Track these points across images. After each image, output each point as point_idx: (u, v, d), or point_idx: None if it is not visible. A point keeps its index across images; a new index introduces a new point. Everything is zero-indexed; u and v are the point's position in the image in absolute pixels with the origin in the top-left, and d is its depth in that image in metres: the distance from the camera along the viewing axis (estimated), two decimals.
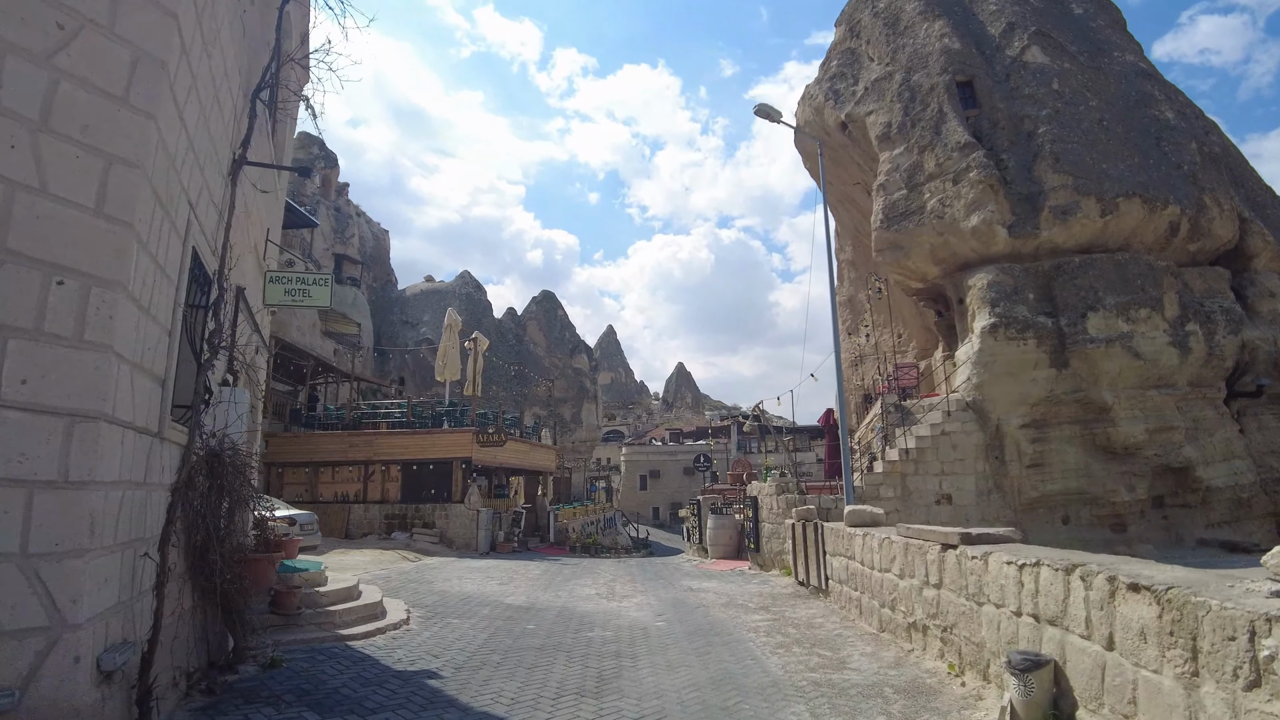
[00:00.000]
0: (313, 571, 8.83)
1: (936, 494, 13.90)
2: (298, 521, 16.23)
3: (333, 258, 51.34)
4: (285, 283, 10.03)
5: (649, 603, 10.72)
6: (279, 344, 25.47)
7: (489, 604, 10.60)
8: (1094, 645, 3.89)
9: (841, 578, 9.23)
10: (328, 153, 55.97)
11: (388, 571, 15.32)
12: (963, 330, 16.80)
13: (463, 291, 56.64)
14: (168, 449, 5.18)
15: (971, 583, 5.53)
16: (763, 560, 14.23)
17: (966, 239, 16.13)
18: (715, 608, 10.02)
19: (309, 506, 23.08)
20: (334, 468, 23.36)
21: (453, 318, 25.71)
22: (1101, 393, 14.96)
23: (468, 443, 21.91)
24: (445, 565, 17.10)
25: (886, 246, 17.51)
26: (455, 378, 25.03)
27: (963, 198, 16.15)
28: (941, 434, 14.16)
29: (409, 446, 22.53)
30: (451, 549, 21.04)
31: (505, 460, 24.50)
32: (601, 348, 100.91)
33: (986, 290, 15.43)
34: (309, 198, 50.30)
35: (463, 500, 21.52)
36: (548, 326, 57.20)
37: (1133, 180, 16.47)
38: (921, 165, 17.23)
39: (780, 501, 13.53)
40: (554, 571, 15.64)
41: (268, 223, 10.16)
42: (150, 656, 4.39)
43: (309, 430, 24.30)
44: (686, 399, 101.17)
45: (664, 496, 57.54)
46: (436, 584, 13.16)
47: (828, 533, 9.87)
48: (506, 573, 15.26)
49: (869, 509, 8.99)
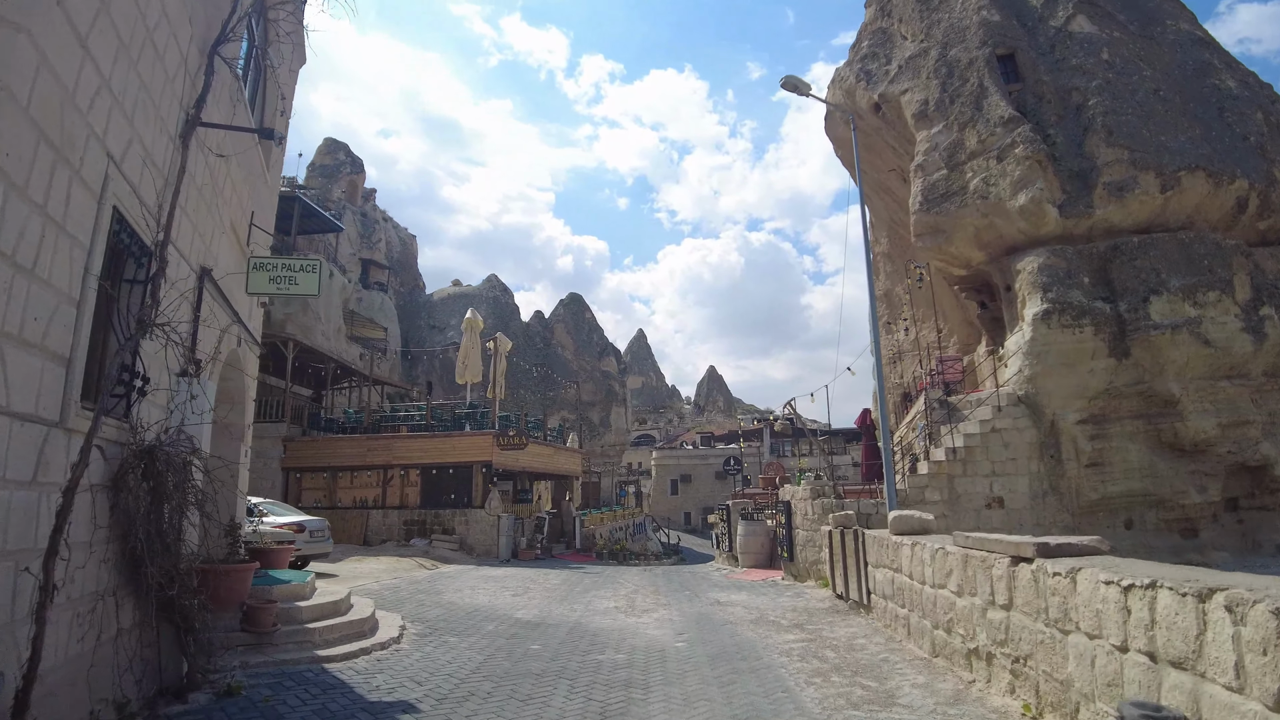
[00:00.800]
0: (295, 584, 8.01)
1: (986, 497, 12.72)
2: (307, 528, 15.57)
3: (359, 263, 51.22)
4: (270, 270, 9.24)
5: (671, 618, 9.73)
6: (298, 347, 25.00)
7: (496, 619, 9.71)
8: (1251, 703, 2.84)
9: (886, 592, 8.17)
10: (354, 158, 55.99)
11: (399, 580, 14.54)
12: (1011, 319, 15.57)
13: (490, 295, 56.21)
14: (76, 443, 4.35)
15: (1053, 605, 4.48)
16: (797, 570, 13.16)
17: (1013, 220, 14.91)
18: (743, 625, 9.00)
19: (327, 513, 22.49)
20: (352, 473, 22.75)
21: (473, 318, 25.00)
22: (1167, 384, 13.64)
23: (488, 446, 21.13)
24: (461, 574, 16.28)
25: (927, 230, 16.34)
26: (476, 379, 24.30)
27: (1008, 175, 14.94)
28: (992, 431, 12.98)
29: (428, 450, 21.82)
30: (471, 556, 20.26)
31: (528, 464, 23.70)
32: (632, 352, 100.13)
33: (1037, 274, 14.21)
34: (335, 203, 50.29)
35: (483, 506, 20.73)
36: (575, 329, 56.50)
37: (1195, 153, 15.12)
38: (962, 143, 16.05)
39: (815, 507, 12.47)
40: (573, 581, 14.72)
41: (253, 205, 9.39)
42: (25, 695, 3.54)
43: (327, 434, 23.73)
44: (718, 402, 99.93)
45: (695, 501, 56.40)
46: (446, 594, 12.32)
47: (870, 541, 8.81)
48: (523, 582, 14.39)
49: (916, 514, 7.92)
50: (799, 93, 12.82)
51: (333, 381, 29.71)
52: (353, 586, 13.27)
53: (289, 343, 24.68)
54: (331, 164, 54.86)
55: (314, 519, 16.20)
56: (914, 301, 19.85)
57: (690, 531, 53.08)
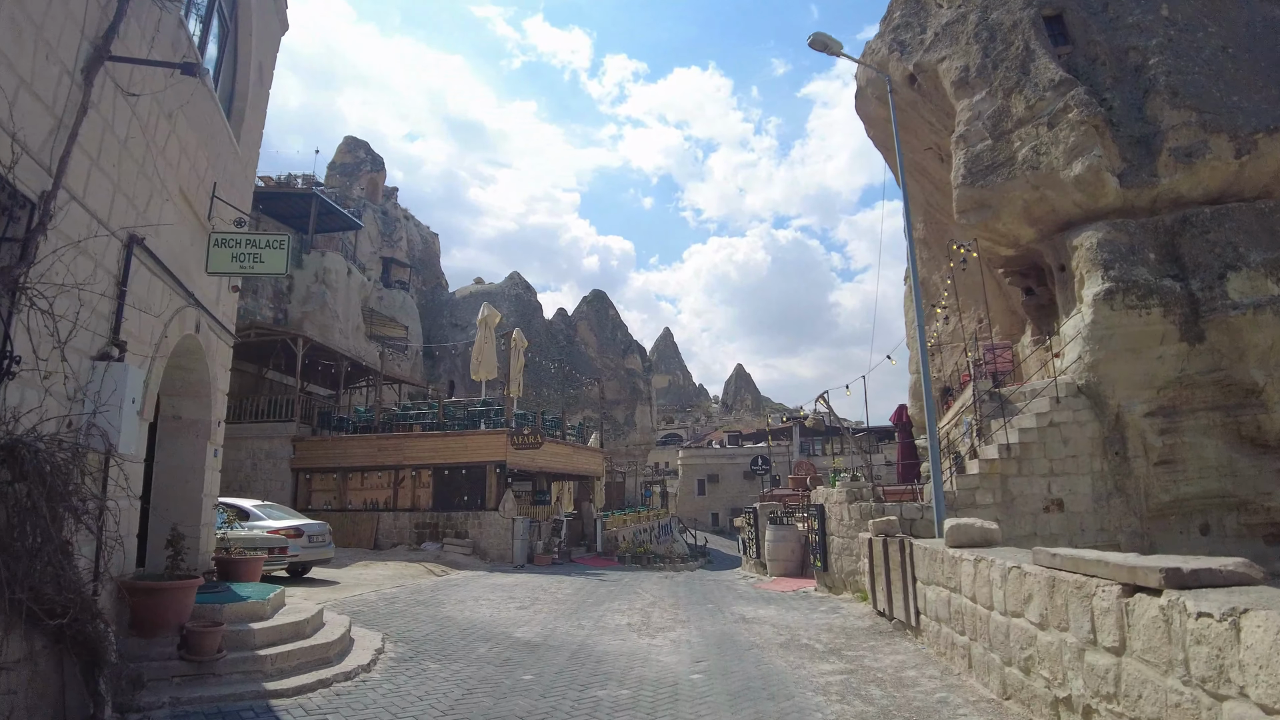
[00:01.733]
0: (253, 601, 6.97)
1: (1044, 499, 11.35)
2: (305, 533, 14.64)
3: (380, 261, 50.70)
4: (233, 246, 8.24)
5: (689, 639, 8.55)
6: (308, 344, 24.21)
7: (492, 638, 8.61)
8: None
9: (940, 614, 6.92)
10: (374, 156, 55.56)
11: (400, 589, 13.54)
12: (1066, 302, 14.15)
13: (512, 293, 55.40)
14: None
15: (1200, 658, 3.23)
16: (831, 581, 11.90)
17: (1068, 191, 13.49)
18: (772, 650, 7.79)
19: (336, 515, 21.67)
20: (363, 473, 21.88)
21: (488, 312, 24.01)
22: (1248, 370, 12.15)
23: (501, 445, 20.11)
24: (470, 581, 15.25)
25: (971, 206, 14.95)
26: (492, 376, 23.32)
27: (1061, 143, 13.52)
28: (1050, 425, 11.60)
29: (439, 450, 20.86)
30: (485, 561, 19.26)
31: (545, 464, 22.66)
32: (659, 350, 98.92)
33: (1097, 250, 12.78)
34: (355, 201, 49.84)
35: (497, 508, 19.72)
36: (599, 327, 55.45)
37: (1272, 114, 13.57)
38: (1008, 110, 14.64)
39: (852, 511, 11.21)
40: (587, 591, 13.61)
41: (215, 176, 8.39)
42: None
43: (337, 434, 22.89)
44: (746, 401, 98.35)
45: (723, 501, 55.10)
46: (446, 606, 11.27)
47: (919, 554, 7.56)
48: (533, 591, 13.30)
49: (979, 524, 6.65)
50: (829, 52, 11.55)
51: (348, 380, 28.96)
52: (348, 596, 12.30)
53: (299, 339, 23.90)
54: (352, 162, 54.45)
55: (313, 523, 15.28)
56: (956, 288, 18.46)
57: (718, 533, 51.81)
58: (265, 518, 14.78)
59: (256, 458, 23.33)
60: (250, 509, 15.02)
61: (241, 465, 23.46)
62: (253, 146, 10.31)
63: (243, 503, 15.30)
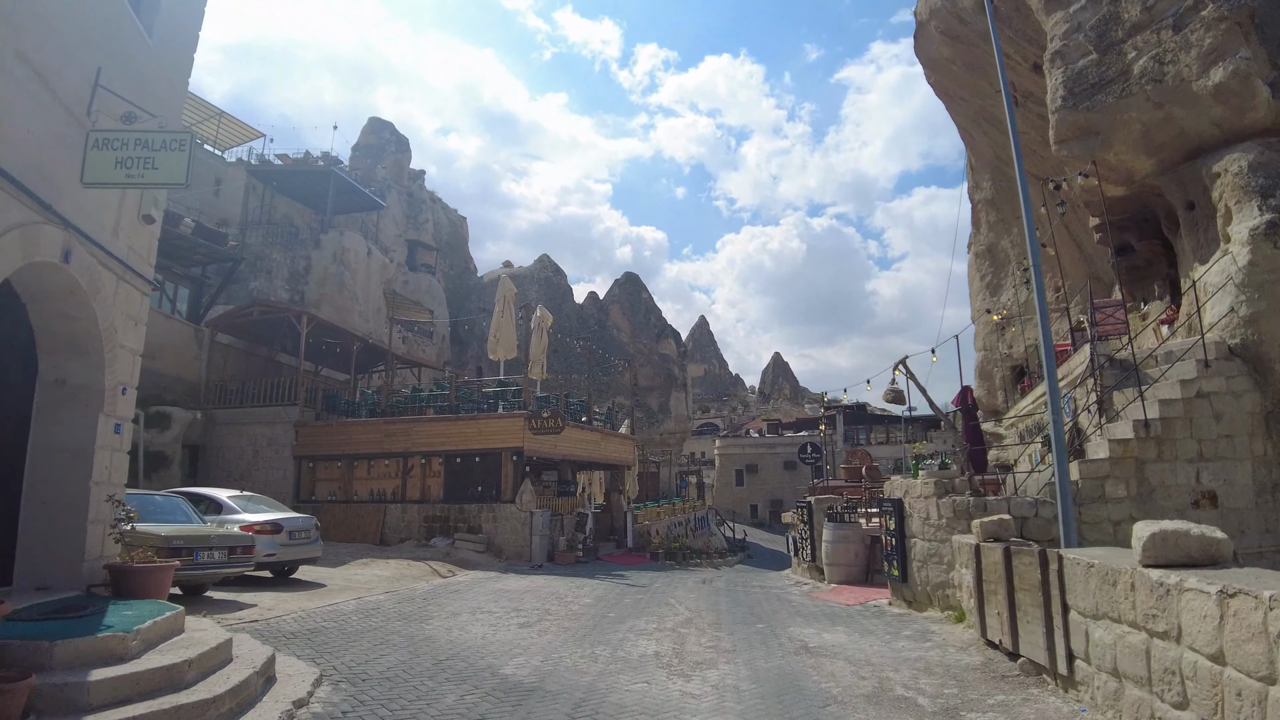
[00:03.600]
0: (109, 635, 4.84)
1: (1192, 490, 8.79)
2: (284, 528, 12.68)
3: (405, 244, 49.06)
4: (118, 148, 6.10)
5: (737, 684, 6.25)
6: (312, 322, 22.35)
7: (470, 676, 6.42)
8: None
9: (1123, 666, 4.52)
10: (399, 137, 53.93)
11: (390, 596, 11.50)
12: (1196, 248, 11.46)
13: (541, 276, 53.40)
14: None
15: None
16: (912, 594, 9.49)
17: (1204, 106, 10.80)
18: (857, 706, 5.44)
19: (340, 507, 19.77)
20: (369, 461, 19.96)
21: (506, 286, 21.90)
22: None
23: (518, 430, 17.99)
24: (474, 586, 13.16)
25: (1073, 134, 12.31)
26: (511, 355, 21.20)
27: (1194, 47, 10.83)
28: (1197, 396, 9.02)
29: (450, 435, 18.82)
30: (499, 559, 17.18)
31: (569, 452, 20.50)
32: (694, 339, 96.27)
33: (1248, 175, 10.10)
34: (379, 182, 48.21)
35: (513, 500, 17.61)
36: (631, 311, 53.16)
37: None
38: (1117, 15, 11.95)
39: (943, 508, 8.78)
40: (611, 600, 11.38)
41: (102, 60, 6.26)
42: None
43: (340, 419, 20.99)
44: (784, 390, 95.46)
45: (762, 493, 52.60)
46: (432, 623, 9.15)
47: (1078, 573, 5.14)
48: (545, 601, 11.13)
49: (1195, 530, 4.25)
50: None
51: (363, 363, 27.10)
52: (319, 606, 10.23)
53: (303, 316, 22.06)
54: (376, 144, 52.88)
55: (297, 517, 13.33)
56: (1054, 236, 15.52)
57: (757, 525, 49.37)
58: (240, 511, 12.86)
59: (258, 445, 21.59)
60: (224, 500, 13.10)
61: (242, 453, 21.76)
62: (179, 47, 8.16)
63: (216, 493, 13.39)
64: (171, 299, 24.21)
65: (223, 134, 35.84)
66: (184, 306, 25.24)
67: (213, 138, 35.54)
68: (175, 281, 24.77)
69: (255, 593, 11.03)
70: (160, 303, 23.70)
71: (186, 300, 25.51)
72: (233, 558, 10.48)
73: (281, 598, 10.83)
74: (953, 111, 21.52)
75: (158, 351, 22.43)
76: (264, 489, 21.41)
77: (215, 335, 23.27)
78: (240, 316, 23.02)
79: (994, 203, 22.36)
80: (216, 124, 35.54)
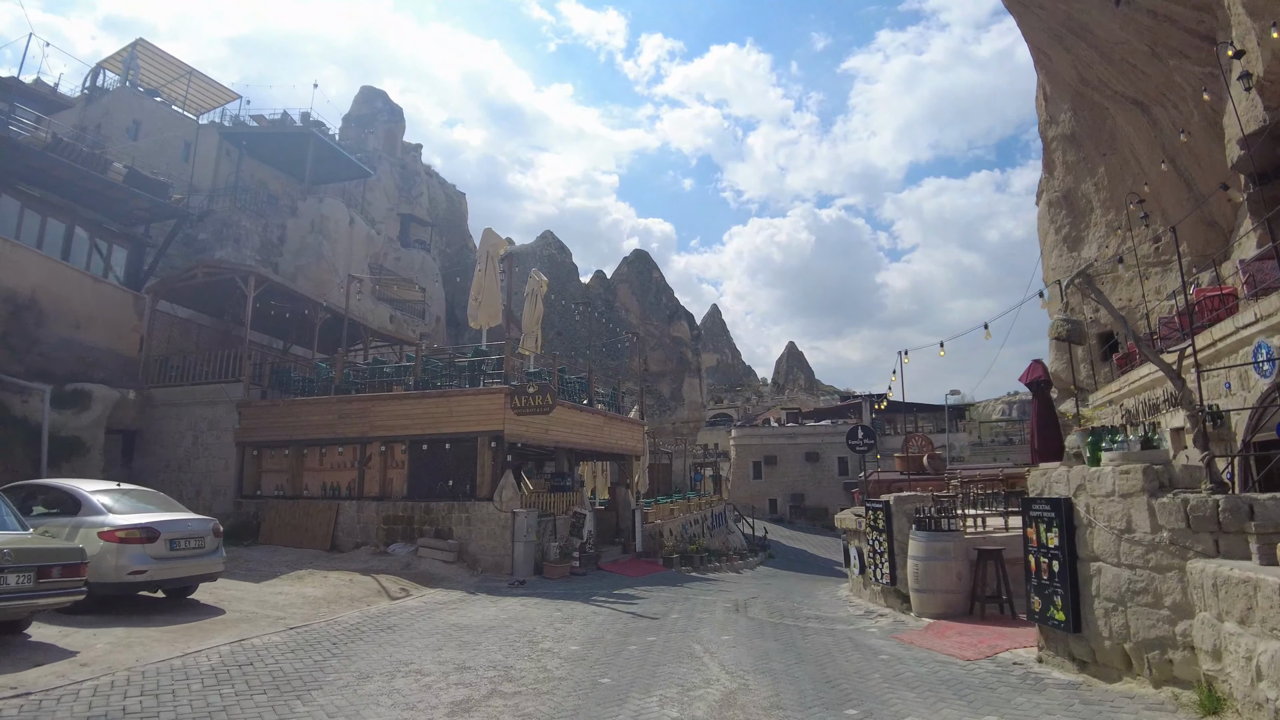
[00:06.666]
0: None
1: None
2: (161, 535, 9.21)
3: (398, 218, 45.58)
4: None
5: None
6: (262, 284, 18.83)
7: None
8: None
9: None
10: (392, 107, 50.48)
11: (292, 635, 8.03)
12: None
13: (544, 253, 49.83)
14: None
15: None
16: (1090, 650, 5.82)
17: None
18: None
19: (288, 504, 16.20)
20: (321, 448, 16.45)
21: (491, 240, 18.31)
22: None
23: (498, 409, 14.41)
24: (423, 616, 9.62)
25: None
26: (495, 322, 17.64)
27: None
28: None
29: (416, 417, 15.27)
30: (473, 572, 13.64)
31: (565, 437, 16.92)
32: (706, 327, 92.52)
33: None
34: (370, 153, 44.72)
35: (491, 497, 14.04)
36: (641, 291, 49.49)
37: None
38: None
39: (1159, 512, 5.11)
40: (607, 645, 7.80)
41: None
42: None
43: (289, 397, 17.47)
44: (799, 380, 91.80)
45: (782, 486, 48.91)
46: (315, 699, 5.63)
47: None
48: (509, 647, 7.57)
49: None
50: None
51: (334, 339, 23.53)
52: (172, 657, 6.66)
53: (250, 278, 18.54)
54: (368, 113, 49.43)
55: (188, 520, 9.84)
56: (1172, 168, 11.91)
57: (777, 521, 45.74)
58: (108, 511, 9.34)
59: (198, 429, 18.14)
60: (86, 496, 9.56)
61: (181, 439, 18.32)
62: None
63: (76, 487, 9.84)
64: (105, 258, 20.76)
65: (194, 94, 32.40)
66: (121, 271, 21.78)
67: (182, 98, 32.15)
68: (109, 240, 21.31)
69: (104, 628, 7.66)
70: (89, 263, 20.29)
71: (124, 263, 22.03)
72: (43, 583, 7.00)
73: (129, 638, 7.39)
74: (1026, 26, 17.65)
75: (84, 320, 18.97)
76: (204, 481, 17.97)
77: (156, 303, 19.82)
78: (184, 280, 19.54)
79: (1074, 138, 18.56)
80: (186, 83, 32.10)
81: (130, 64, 30.81)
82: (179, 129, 30.54)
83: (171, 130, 30.46)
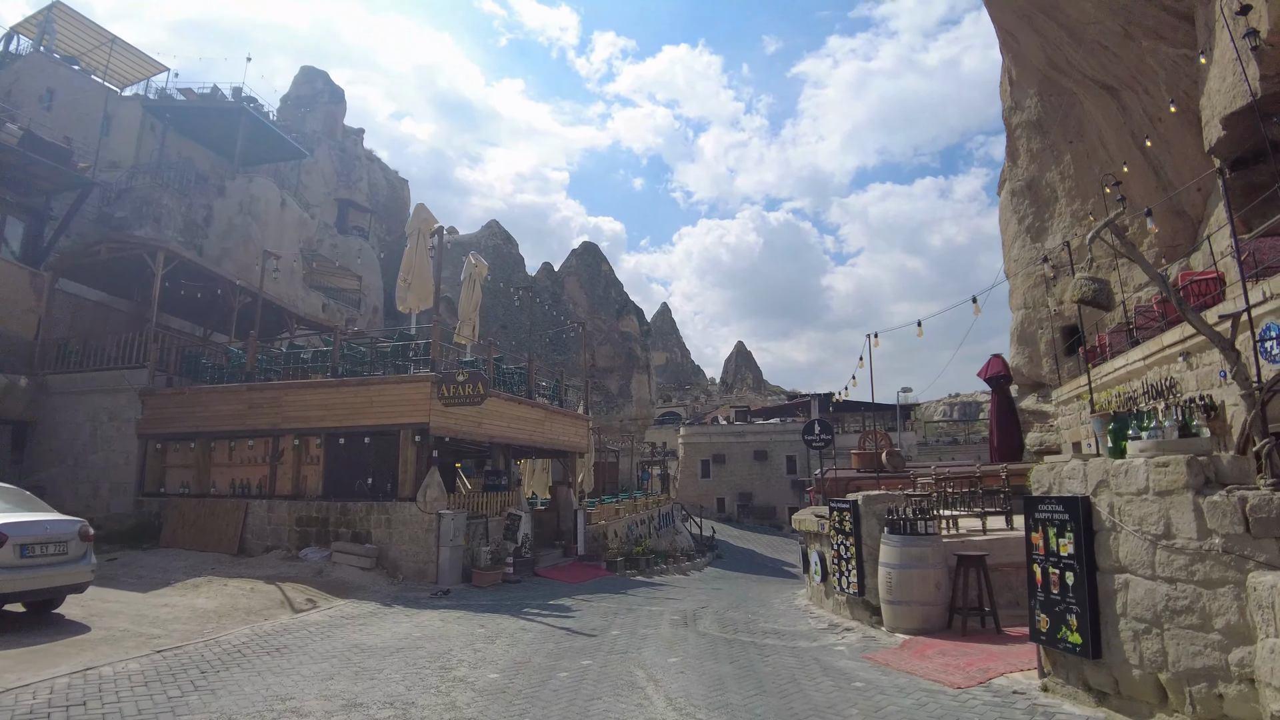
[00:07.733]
0: None
1: None
2: (8, 539, 7.69)
3: (335, 203, 43.43)
4: None
5: None
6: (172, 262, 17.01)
7: None
8: None
9: None
10: (333, 88, 48.22)
11: (158, 660, 6.66)
12: None
13: (490, 244, 48.07)
14: None
15: None
16: (1114, 681, 4.83)
17: None
18: None
19: (194, 502, 14.54)
20: (230, 442, 14.80)
21: (422, 216, 16.85)
22: None
23: (423, 400, 13.02)
24: (323, 634, 8.25)
25: None
26: (425, 305, 16.22)
27: None
28: None
29: (334, 407, 13.78)
30: (393, 580, 12.24)
31: (500, 432, 15.58)
32: (655, 325, 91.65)
33: None
34: (308, 134, 42.47)
35: (414, 497, 12.65)
36: (590, 284, 48.15)
37: None
38: None
39: (1208, 513, 4.19)
40: (533, 674, 6.58)
41: None
42: None
43: (198, 385, 15.75)
44: (748, 379, 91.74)
45: (730, 486, 48.18)
46: None
47: None
48: (416, 677, 6.30)
49: None
50: None
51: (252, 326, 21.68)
52: None
53: (158, 254, 16.74)
54: (308, 94, 47.10)
55: (47, 520, 8.33)
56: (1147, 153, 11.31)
57: (725, 521, 44.98)
58: None
59: (98, 420, 16.26)
60: None
61: (79, 430, 16.40)
62: None
63: None
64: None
65: (116, 65, 29.90)
66: (17, 245, 19.62)
67: (103, 68, 29.63)
68: (3, 211, 19.15)
69: None
70: None
71: (20, 237, 19.87)
72: None
73: None
74: (994, 5, 17.01)
75: None
76: (103, 477, 16.10)
77: (57, 281, 17.79)
78: (87, 257, 17.57)
79: (1039, 125, 17.99)
80: (108, 53, 29.59)
81: (46, 28, 28.26)
82: (98, 100, 28.10)
83: (89, 100, 28.00)
